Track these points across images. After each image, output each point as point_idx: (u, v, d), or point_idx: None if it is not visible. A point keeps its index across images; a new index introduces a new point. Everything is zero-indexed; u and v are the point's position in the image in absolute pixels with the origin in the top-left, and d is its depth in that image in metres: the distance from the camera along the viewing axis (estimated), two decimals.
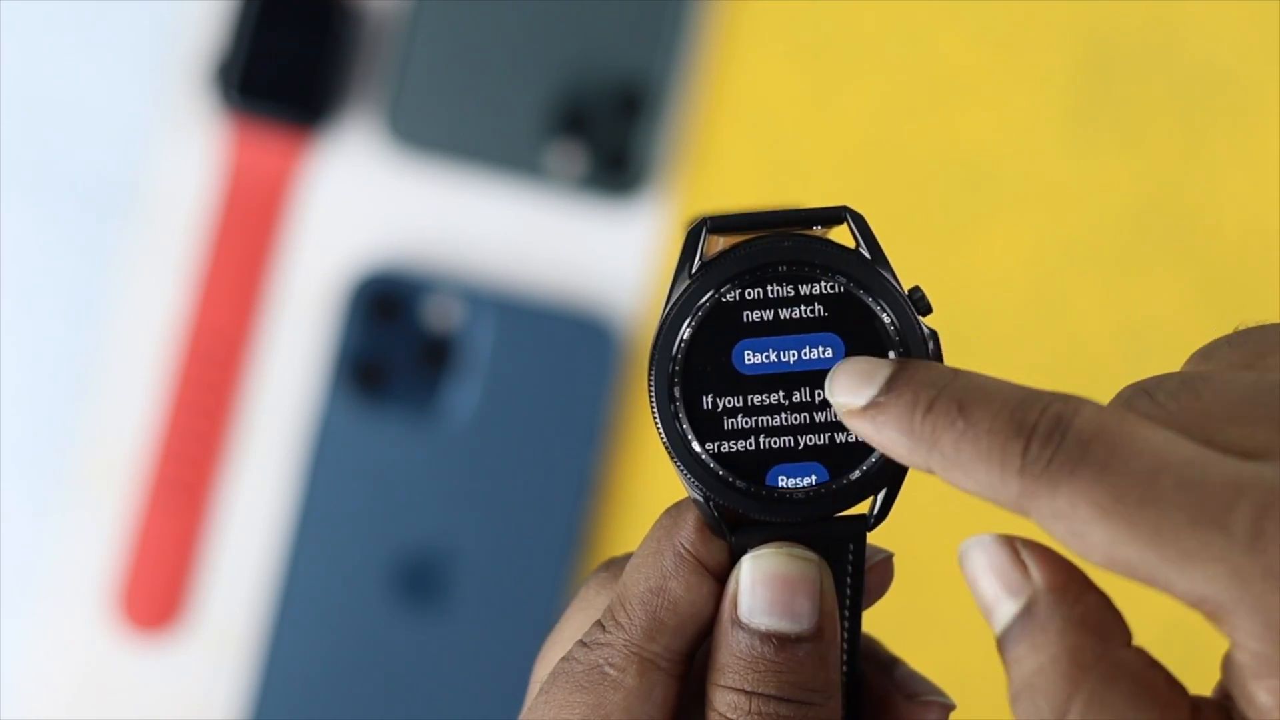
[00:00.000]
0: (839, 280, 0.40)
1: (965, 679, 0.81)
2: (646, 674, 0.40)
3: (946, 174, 0.83)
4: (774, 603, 0.39)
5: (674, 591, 0.40)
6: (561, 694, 0.40)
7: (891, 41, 0.84)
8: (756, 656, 0.39)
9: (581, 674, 0.40)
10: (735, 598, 0.39)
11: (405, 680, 0.81)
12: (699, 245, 0.40)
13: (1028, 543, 0.39)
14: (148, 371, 0.82)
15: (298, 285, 0.83)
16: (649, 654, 0.40)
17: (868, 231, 0.41)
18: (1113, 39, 0.83)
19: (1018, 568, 0.39)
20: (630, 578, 0.41)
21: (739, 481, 0.40)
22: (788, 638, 0.39)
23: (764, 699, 0.39)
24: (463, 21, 0.83)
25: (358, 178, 0.83)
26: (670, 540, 0.40)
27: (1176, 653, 0.83)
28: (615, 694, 0.40)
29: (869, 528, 0.41)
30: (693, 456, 0.40)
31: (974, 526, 0.85)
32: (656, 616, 0.40)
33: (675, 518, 0.41)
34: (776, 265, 0.40)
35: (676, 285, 0.40)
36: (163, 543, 0.82)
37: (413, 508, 0.82)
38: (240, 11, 0.82)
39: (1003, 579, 0.39)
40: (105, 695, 0.81)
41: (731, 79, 0.84)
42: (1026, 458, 0.36)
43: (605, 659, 0.40)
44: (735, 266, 0.40)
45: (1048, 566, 0.38)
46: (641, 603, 0.40)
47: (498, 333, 0.82)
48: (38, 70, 0.83)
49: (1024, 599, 0.38)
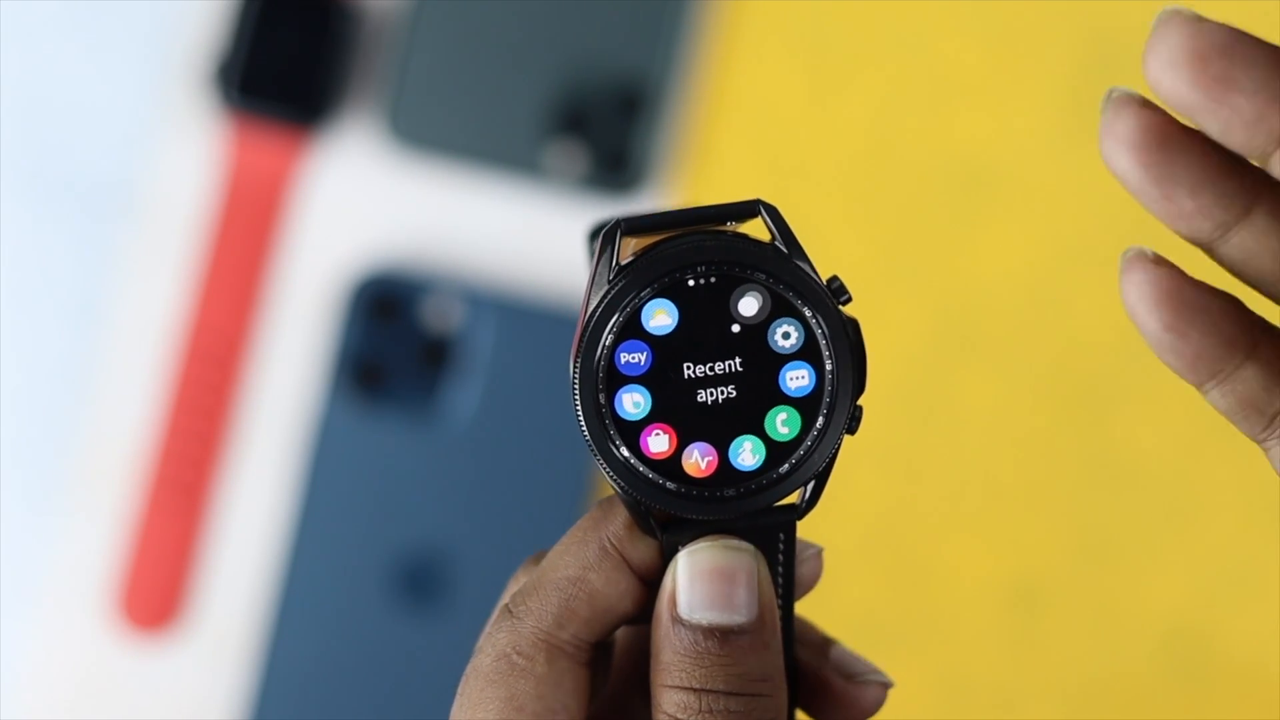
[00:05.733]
0: (758, 276, 0.40)
1: (965, 679, 0.81)
2: (555, 661, 0.39)
3: (946, 174, 0.83)
4: (713, 596, 0.39)
5: (592, 583, 0.40)
6: (474, 691, 0.40)
7: (891, 41, 0.84)
8: (701, 652, 0.38)
9: (490, 666, 0.40)
10: (673, 595, 0.39)
11: (405, 680, 0.81)
12: (615, 248, 0.40)
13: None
14: (148, 371, 0.82)
15: (298, 285, 0.83)
16: (557, 641, 0.40)
17: (783, 224, 0.40)
18: (1113, 39, 0.83)
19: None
20: (550, 563, 0.40)
21: (668, 483, 0.40)
22: (730, 630, 0.39)
23: (713, 695, 0.38)
24: (463, 21, 0.83)
25: (358, 178, 0.83)
26: (597, 532, 0.40)
27: (1178, 652, 0.84)
28: (526, 683, 0.39)
29: (799, 516, 0.41)
30: (621, 461, 0.40)
31: (974, 527, 0.86)
32: (570, 605, 0.40)
33: (606, 511, 0.41)
34: (695, 265, 0.40)
35: (595, 289, 0.40)
36: (163, 543, 0.82)
37: (413, 508, 0.81)
38: (240, 11, 0.82)
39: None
40: (105, 695, 0.81)
41: (731, 79, 0.84)
42: None
43: (512, 646, 0.39)
44: (654, 269, 0.40)
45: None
46: (557, 589, 0.40)
47: (498, 333, 0.82)
48: (37, 70, 0.83)
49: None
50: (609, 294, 0.40)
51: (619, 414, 0.40)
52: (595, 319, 0.40)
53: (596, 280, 0.40)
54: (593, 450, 0.40)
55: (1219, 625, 0.81)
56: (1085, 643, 0.81)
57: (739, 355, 0.40)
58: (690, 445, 0.40)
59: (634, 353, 0.40)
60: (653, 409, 0.40)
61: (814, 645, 0.44)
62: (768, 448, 0.40)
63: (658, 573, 0.40)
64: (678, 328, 0.40)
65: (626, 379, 0.40)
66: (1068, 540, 0.81)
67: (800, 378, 0.40)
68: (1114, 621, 0.81)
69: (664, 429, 0.40)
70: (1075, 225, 0.83)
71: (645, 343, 0.40)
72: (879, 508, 0.81)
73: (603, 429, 0.40)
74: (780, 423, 0.40)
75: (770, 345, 0.40)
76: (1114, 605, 0.81)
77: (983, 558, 0.81)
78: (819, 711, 0.43)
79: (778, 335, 0.40)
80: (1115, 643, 0.81)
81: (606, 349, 0.40)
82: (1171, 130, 0.35)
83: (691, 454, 0.40)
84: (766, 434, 0.40)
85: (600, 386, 0.40)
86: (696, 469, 0.40)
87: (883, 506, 0.81)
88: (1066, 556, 0.81)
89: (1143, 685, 0.81)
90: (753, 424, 0.40)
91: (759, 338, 0.40)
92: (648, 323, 0.40)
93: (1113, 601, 0.81)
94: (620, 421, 0.40)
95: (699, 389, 0.40)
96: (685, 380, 0.40)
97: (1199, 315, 0.36)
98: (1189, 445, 0.81)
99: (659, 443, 0.40)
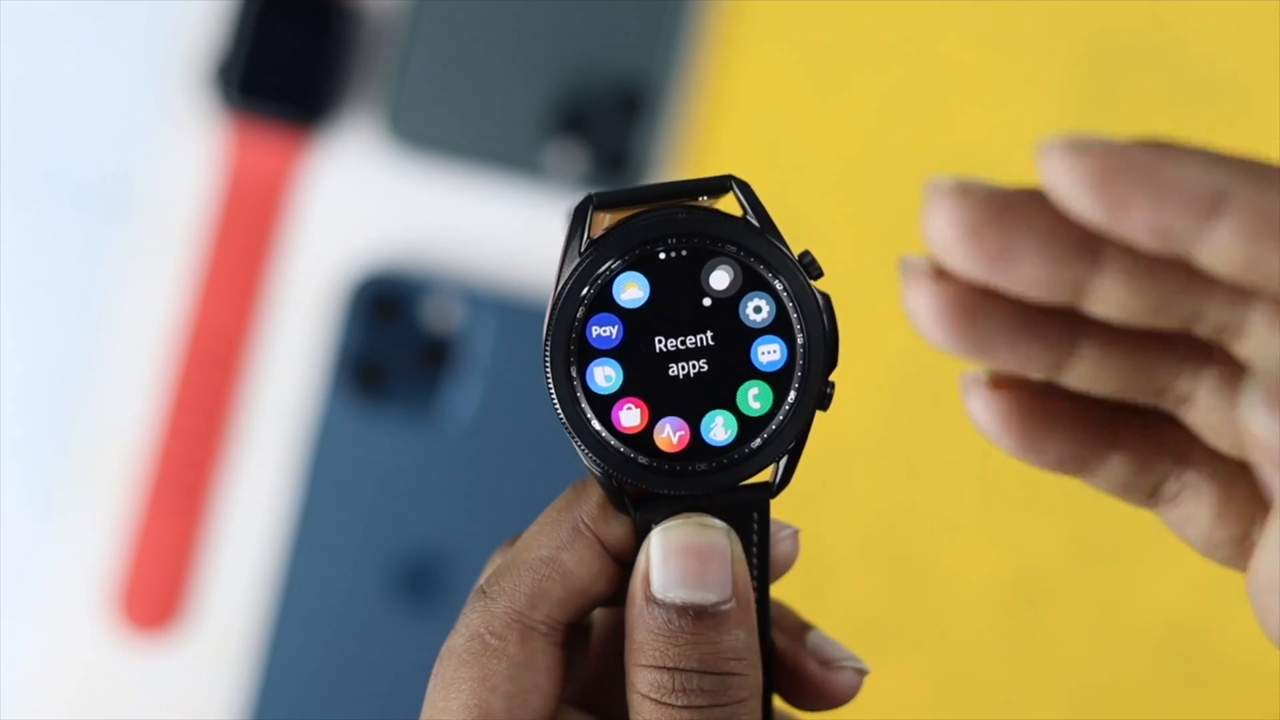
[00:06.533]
0: (729, 249, 0.40)
1: (965, 678, 0.81)
2: (528, 641, 0.39)
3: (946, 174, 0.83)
4: (687, 574, 0.39)
5: (566, 563, 0.40)
6: (447, 671, 0.40)
7: (891, 41, 0.84)
8: (674, 631, 0.38)
9: (463, 647, 0.40)
10: (647, 574, 0.39)
11: (404, 680, 0.81)
12: (586, 222, 0.40)
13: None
14: (148, 371, 0.82)
15: (297, 285, 0.83)
16: (530, 621, 0.40)
17: (754, 199, 0.40)
18: (1113, 39, 0.83)
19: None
20: (524, 544, 0.40)
21: (640, 457, 0.40)
22: (704, 609, 0.39)
23: (687, 674, 0.38)
24: (463, 21, 0.83)
25: (358, 178, 0.83)
26: (570, 513, 0.40)
27: (1177, 651, 0.84)
28: (499, 663, 0.39)
29: (772, 495, 0.41)
30: (593, 434, 0.40)
31: (974, 527, 0.86)
32: (542, 586, 0.40)
33: (579, 491, 0.41)
34: (666, 238, 0.40)
35: (566, 263, 0.40)
36: (163, 543, 0.82)
37: (413, 508, 0.81)
38: (240, 11, 0.82)
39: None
40: (105, 695, 0.81)
41: (731, 79, 0.84)
42: None
43: (485, 626, 0.39)
44: (625, 242, 0.40)
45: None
46: (530, 569, 0.40)
47: (498, 333, 0.82)
48: (37, 71, 0.83)
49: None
50: (580, 267, 0.40)
51: (590, 387, 0.40)
52: (566, 292, 0.40)
53: (569, 254, 0.40)
54: (564, 423, 0.40)
55: (1218, 624, 0.81)
56: (1085, 642, 0.81)
57: (710, 329, 0.40)
58: (662, 419, 0.40)
59: (605, 326, 0.40)
60: (624, 383, 0.40)
61: (791, 630, 0.43)
62: (739, 422, 0.40)
63: (632, 553, 0.40)
64: (649, 301, 0.40)
65: (598, 352, 0.40)
66: (1068, 540, 0.81)
67: (772, 352, 0.40)
68: (1114, 621, 0.81)
69: (636, 403, 0.40)
70: None
71: (616, 316, 0.40)
72: (879, 508, 0.81)
73: (574, 402, 0.40)
74: (752, 397, 0.40)
75: (742, 319, 0.40)
76: (1114, 605, 0.81)
77: (983, 558, 0.81)
78: (794, 697, 0.43)
79: (749, 309, 0.40)
80: (1115, 642, 0.81)
81: (578, 322, 0.40)
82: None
83: (663, 428, 0.40)
84: (738, 408, 0.40)
85: (571, 360, 0.40)
86: (668, 443, 0.40)
87: (883, 506, 0.81)
88: (1066, 556, 0.81)
89: (1142, 684, 0.81)
90: (724, 398, 0.40)
91: (730, 311, 0.40)
92: (619, 296, 0.40)
93: (1113, 601, 0.81)
94: (591, 395, 0.40)
95: (670, 363, 0.40)
96: (657, 354, 0.40)
97: (1052, 430, 0.36)
98: None
99: (630, 416, 0.40)
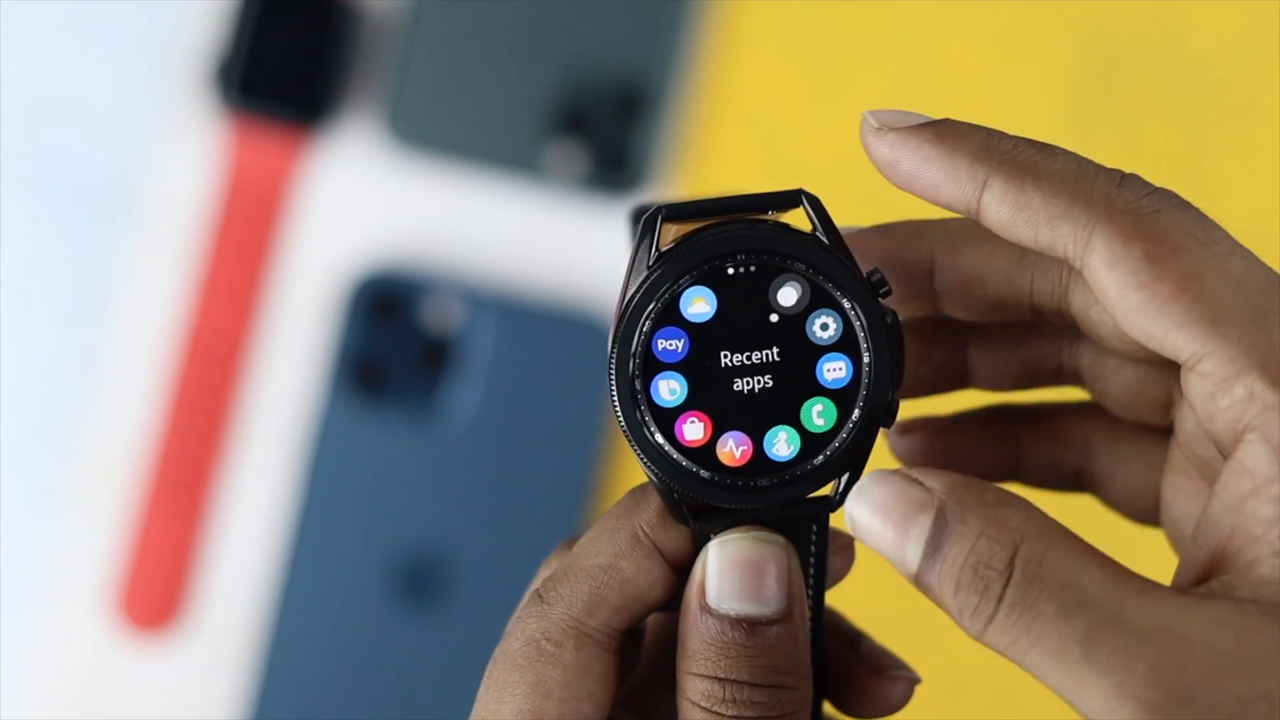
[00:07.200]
0: (799, 267, 0.40)
1: (966, 678, 0.81)
2: (584, 648, 0.40)
3: None
4: (742, 587, 0.39)
5: (624, 571, 0.40)
6: (501, 675, 0.40)
7: (891, 41, 0.84)
8: (727, 642, 0.39)
9: (518, 651, 0.40)
10: (703, 584, 0.39)
11: (405, 680, 0.81)
12: (655, 234, 0.40)
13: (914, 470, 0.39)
14: (148, 371, 0.82)
15: (297, 285, 0.83)
16: (586, 628, 0.40)
17: (824, 215, 0.40)
18: (1113, 39, 0.83)
19: (914, 485, 0.38)
20: (582, 550, 0.40)
21: (702, 471, 0.40)
22: (757, 621, 0.39)
23: (737, 685, 0.38)
24: (463, 21, 0.83)
25: (358, 178, 0.83)
26: (629, 520, 0.40)
27: None
28: (554, 669, 0.39)
29: (832, 509, 0.41)
30: (655, 447, 0.40)
31: None
32: (600, 593, 0.40)
33: (638, 499, 0.41)
34: (735, 254, 0.40)
35: (634, 276, 0.40)
36: (163, 543, 0.82)
37: (413, 508, 0.81)
38: (240, 11, 0.82)
39: (904, 500, 0.38)
40: (105, 695, 0.81)
41: (731, 79, 0.84)
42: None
43: (541, 632, 0.40)
44: (694, 257, 0.40)
45: (942, 475, 0.38)
46: (589, 576, 0.40)
47: (498, 333, 0.82)
48: (38, 70, 0.83)
49: (932, 510, 0.37)
50: (648, 280, 0.40)
51: (655, 400, 0.40)
52: (633, 304, 0.40)
53: (635, 266, 0.40)
54: (628, 436, 0.40)
55: None
56: None
57: (776, 345, 0.40)
58: (725, 434, 0.40)
59: (671, 339, 0.40)
60: (689, 396, 0.40)
61: (845, 637, 0.44)
62: (803, 439, 0.40)
63: (689, 560, 0.40)
64: (716, 316, 0.40)
65: (663, 365, 0.40)
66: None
67: (837, 369, 0.40)
68: None
69: (699, 417, 0.40)
70: None
71: (683, 330, 0.40)
72: None
73: (638, 415, 0.40)
74: (816, 414, 0.40)
75: (808, 336, 0.40)
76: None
77: None
78: (846, 703, 0.43)
79: (816, 326, 0.40)
80: None
81: (644, 335, 0.40)
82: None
83: (726, 443, 0.40)
84: (802, 425, 0.40)
85: (636, 372, 0.40)
86: (731, 458, 0.40)
87: None
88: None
89: None
90: (788, 414, 0.40)
91: (797, 328, 0.40)
92: (686, 310, 0.40)
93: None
94: (656, 408, 0.40)
95: (735, 378, 0.40)
96: (722, 369, 0.40)
97: (961, 457, 0.39)
98: None
99: (694, 430, 0.40)
